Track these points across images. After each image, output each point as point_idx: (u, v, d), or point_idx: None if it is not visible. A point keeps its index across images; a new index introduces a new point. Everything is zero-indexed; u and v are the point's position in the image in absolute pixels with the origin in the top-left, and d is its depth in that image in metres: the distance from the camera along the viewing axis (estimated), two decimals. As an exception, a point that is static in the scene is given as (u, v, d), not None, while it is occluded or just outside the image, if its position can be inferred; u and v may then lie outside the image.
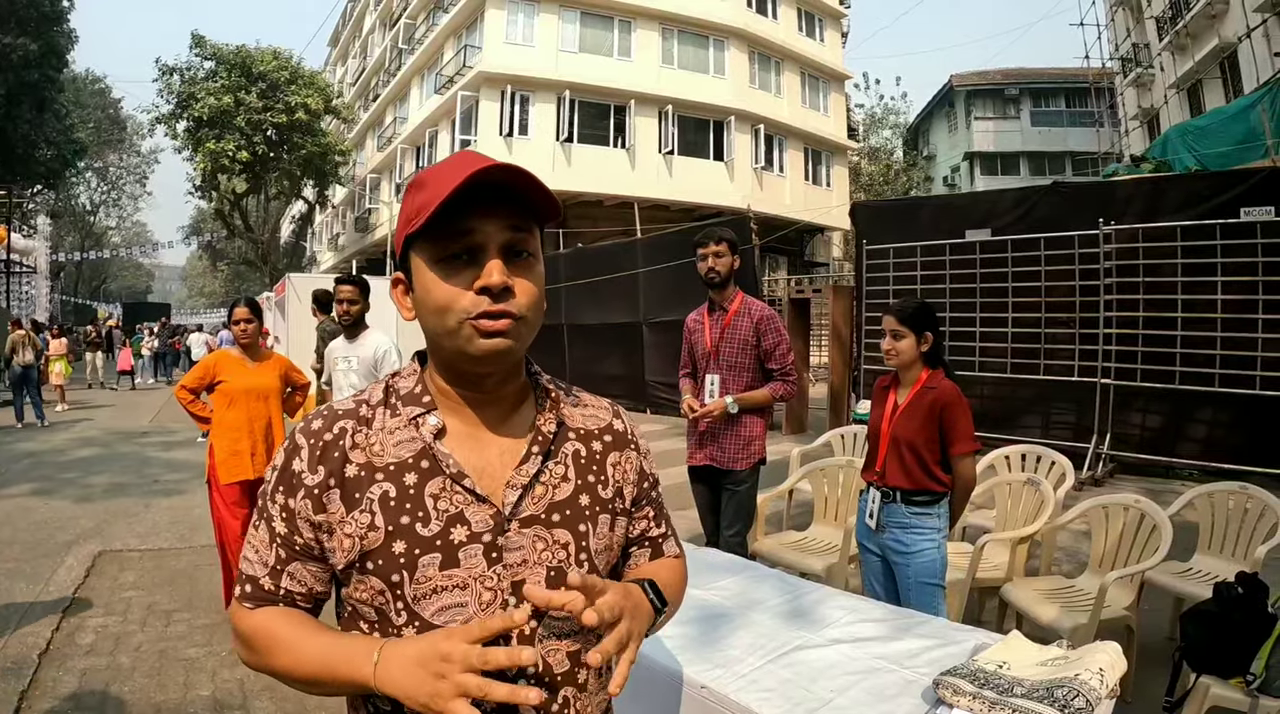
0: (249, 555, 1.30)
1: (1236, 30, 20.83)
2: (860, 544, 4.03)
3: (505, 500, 1.26)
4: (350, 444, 1.26)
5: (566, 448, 1.36)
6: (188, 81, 30.80)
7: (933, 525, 3.69)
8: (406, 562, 1.21)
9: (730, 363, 4.68)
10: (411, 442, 1.27)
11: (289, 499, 1.26)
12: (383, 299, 7.93)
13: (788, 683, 2.26)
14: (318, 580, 1.29)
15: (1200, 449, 9.20)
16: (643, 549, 1.52)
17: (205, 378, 5.40)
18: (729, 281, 4.74)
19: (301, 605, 1.29)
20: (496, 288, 1.19)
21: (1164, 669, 3.71)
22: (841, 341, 13.38)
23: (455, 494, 1.24)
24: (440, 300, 1.21)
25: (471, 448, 1.29)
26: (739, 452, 4.63)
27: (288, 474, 1.27)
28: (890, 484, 3.75)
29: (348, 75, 47.22)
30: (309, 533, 1.25)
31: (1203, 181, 9.82)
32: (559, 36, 27.46)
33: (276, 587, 1.28)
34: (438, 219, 1.19)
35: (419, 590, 1.21)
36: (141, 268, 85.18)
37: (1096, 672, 2.04)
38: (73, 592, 5.84)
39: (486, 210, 1.20)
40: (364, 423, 1.29)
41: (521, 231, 1.24)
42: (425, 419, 1.28)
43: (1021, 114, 45.34)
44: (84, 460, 11.59)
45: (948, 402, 3.65)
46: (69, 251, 50.40)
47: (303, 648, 1.22)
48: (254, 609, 1.28)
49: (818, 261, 35.10)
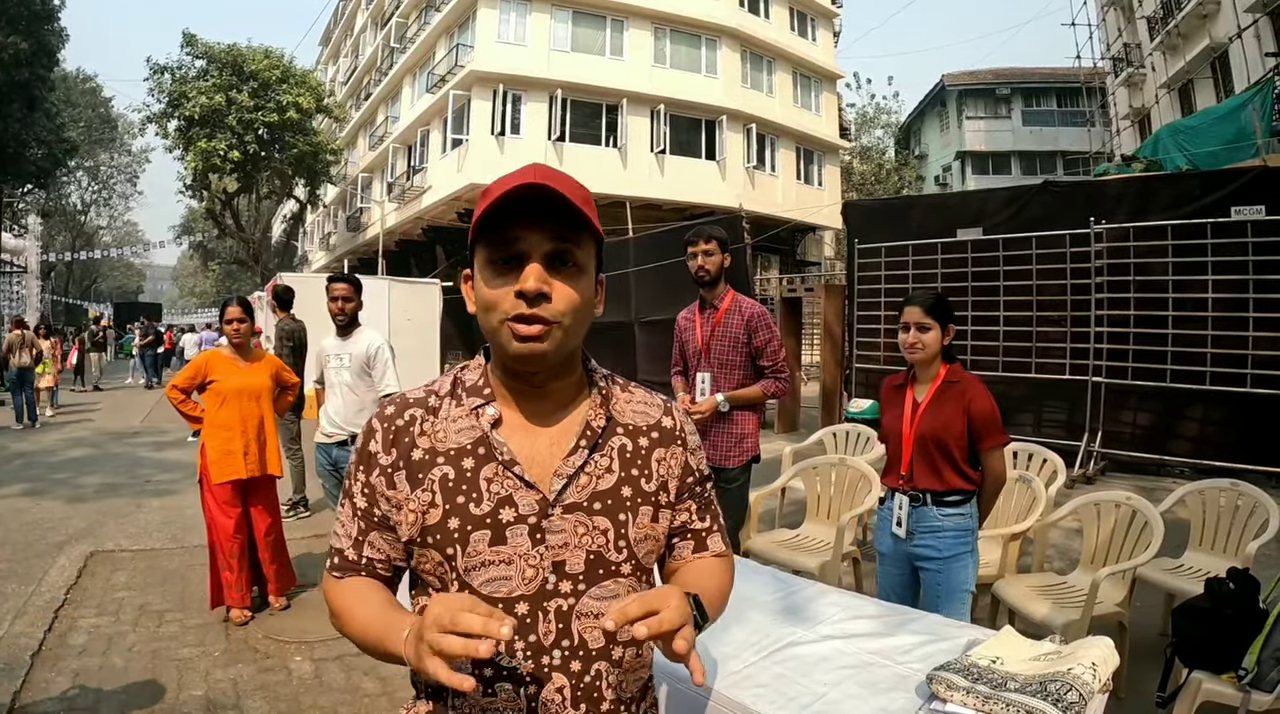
0: (336, 531, 1.48)
1: (1227, 30, 20.86)
2: (880, 555, 3.84)
3: (551, 487, 1.36)
4: (419, 431, 1.41)
5: (613, 442, 1.44)
6: (179, 80, 30.60)
7: (967, 526, 3.54)
8: (460, 536, 1.33)
9: (721, 361, 4.68)
10: (471, 430, 1.40)
11: (369, 476, 1.42)
12: (375, 298, 7.98)
13: (781, 678, 2.26)
14: (394, 549, 1.43)
15: (1192, 447, 9.26)
16: (685, 540, 1.58)
17: (197, 378, 5.38)
18: (719, 280, 4.75)
19: (381, 573, 1.45)
20: (531, 293, 1.28)
21: (1156, 665, 3.73)
22: (834, 340, 13.43)
23: (507, 479, 1.35)
24: (486, 300, 1.34)
25: (524, 437, 1.40)
26: (731, 449, 4.64)
27: (366, 454, 1.43)
28: (919, 487, 3.58)
29: (339, 74, 47.07)
30: (384, 505, 1.40)
31: (1193, 181, 9.87)
32: (551, 35, 27.43)
33: (359, 556, 1.44)
34: (490, 225, 1.31)
35: (470, 563, 1.33)
36: (132, 268, 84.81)
37: (1089, 666, 2.04)
38: (65, 592, 5.81)
39: (531, 221, 1.30)
40: (432, 412, 1.43)
41: (566, 242, 1.32)
42: (484, 410, 1.41)
43: (1013, 113, 45.40)
44: (76, 461, 11.56)
45: (976, 393, 3.51)
46: (60, 251, 50.15)
47: (364, 620, 1.36)
48: (341, 579, 1.45)
49: (810, 260, 35.13)
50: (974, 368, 10.20)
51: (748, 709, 2.13)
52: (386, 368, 5.51)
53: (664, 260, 13.75)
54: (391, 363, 5.56)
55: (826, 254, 35.89)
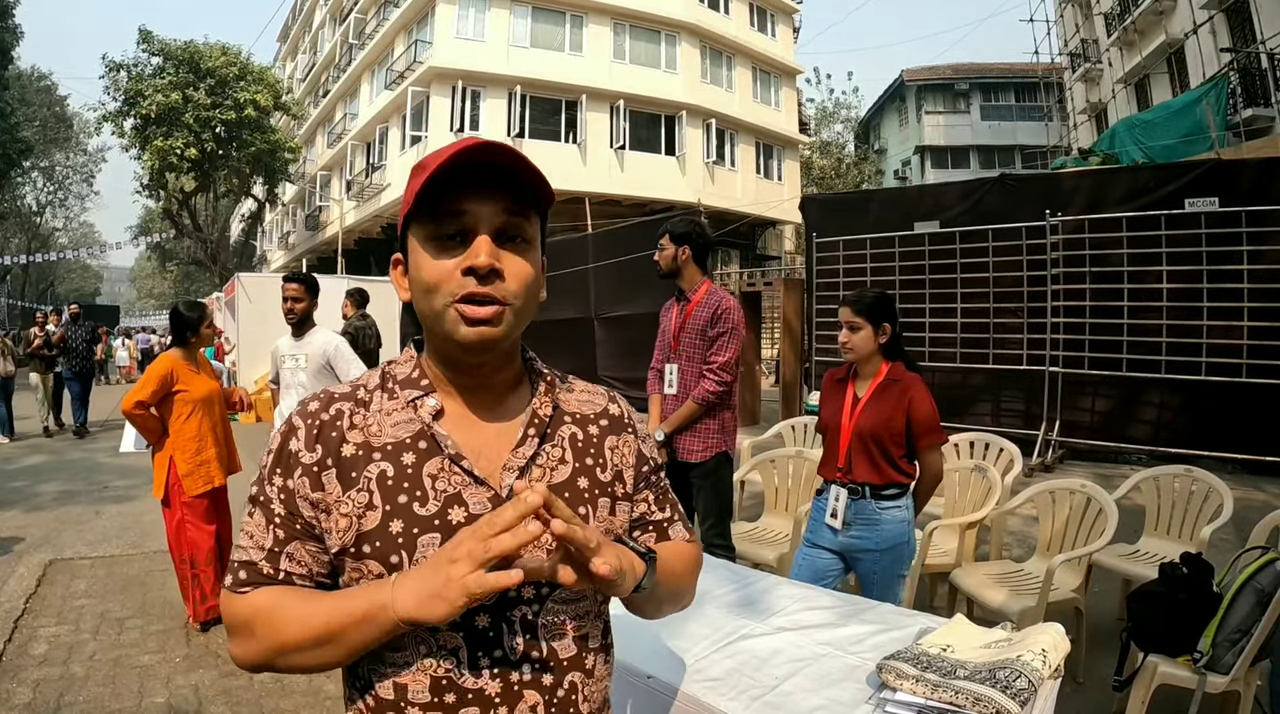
0: (242, 544, 1.25)
1: (1183, 26, 21.17)
2: (812, 545, 3.81)
3: (502, 482, 1.24)
4: (348, 425, 1.25)
5: (563, 431, 1.35)
6: (135, 78, 30.15)
7: (903, 518, 3.58)
8: (405, 541, 1.18)
9: (688, 353, 4.67)
10: (409, 423, 1.26)
11: (286, 479, 1.23)
12: (332, 298, 7.91)
13: (733, 672, 2.25)
14: (317, 561, 1.24)
15: (1148, 434, 9.39)
16: (647, 533, 1.47)
17: (163, 390, 5.11)
18: (675, 273, 4.73)
19: (300, 585, 1.24)
20: (483, 269, 1.17)
21: (1113, 649, 3.76)
22: (793, 334, 13.48)
23: (453, 475, 1.22)
24: (429, 279, 1.20)
25: (468, 430, 1.28)
26: (695, 444, 4.62)
27: (285, 454, 1.25)
28: (858, 480, 3.61)
29: (297, 71, 46.57)
30: (308, 511, 1.22)
31: (1148, 174, 10.00)
32: (510, 31, 27.36)
33: (275, 569, 1.23)
34: (432, 198, 1.19)
35: None
36: (89, 270, 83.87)
37: (1039, 653, 2.05)
38: (24, 601, 5.72)
39: (479, 191, 1.19)
40: (361, 405, 1.28)
41: (516, 215, 1.22)
42: (424, 401, 1.28)
43: (971, 108, 45.89)
44: (32, 468, 11.37)
45: (916, 395, 3.55)
46: (15, 254, 49.48)
47: (313, 606, 1.17)
48: (247, 593, 1.22)
49: (770, 255, 35.23)
50: (932, 359, 10.30)
51: (699, 702, 2.12)
52: (351, 362, 5.44)
53: (623, 256, 13.75)
54: (354, 356, 5.51)
55: (786, 249, 35.98)
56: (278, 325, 5.84)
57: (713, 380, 4.51)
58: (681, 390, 4.66)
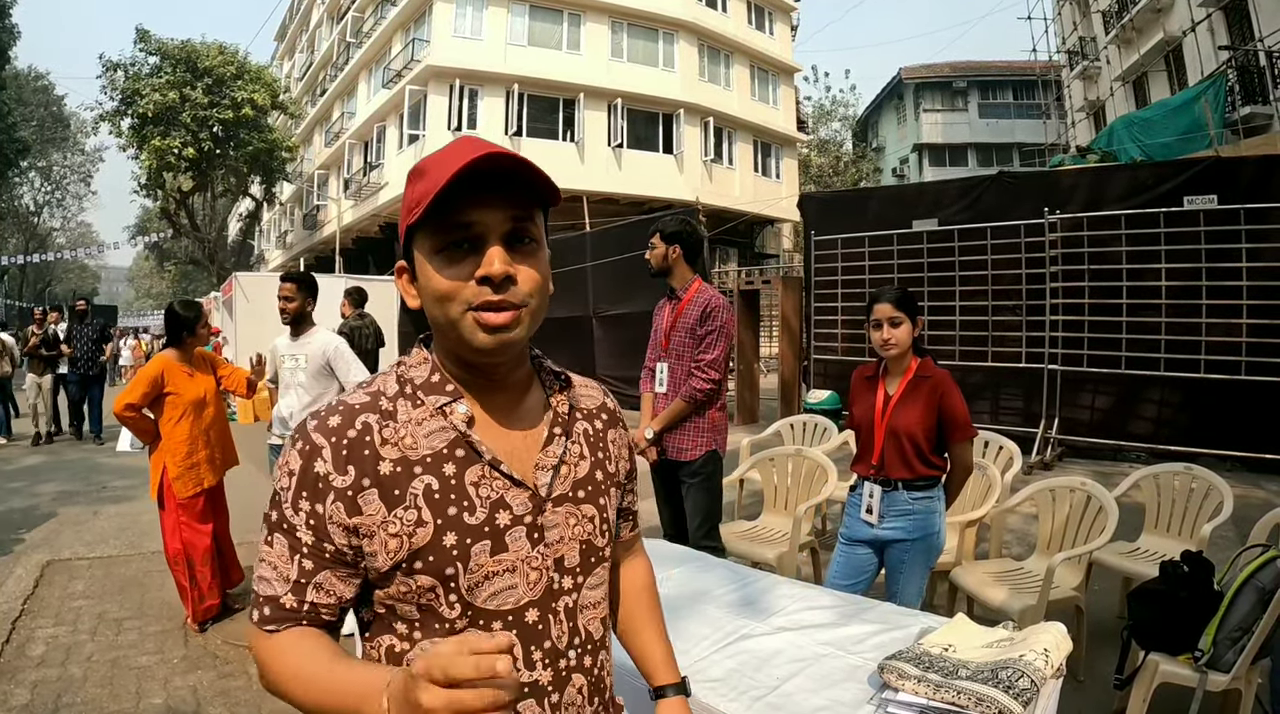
0: (265, 574, 1.23)
1: (1181, 24, 21.13)
2: (848, 542, 3.81)
3: (538, 482, 1.28)
4: (379, 440, 1.22)
5: (579, 427, 1.40)
6: (132, 78, 30.09)
7: (934, 509, 3.61)
8: (459, 553, 1.19)
9: (679, 352, 4.66)
10: (442, 431, 1.25)
11: (315, 504, 1.19)
12: (330, 297, 7.88)
13: (734, 672, 2.25)
14: (348, 587, 1.23)
15: (1147, 431, 9.39)
16: (626, 521, 1.60)
17: (154, 392, 5.10)
18: (666, 272, 4.73)
19: (326, 619, 1.23)
20: (498, 278, 1.17)
21: (1114, 647, 3.74)
22: (791, 332, 13.45)
23: (494, 480, 1.24)
24: (442, 289, 1.19)
25: (498, 433, 1.29)
26: (685, 442, 4.61)
27: (310, 477, 1.20)
28: (891, 476, 3.61)
29: (295, 70, 46.52)
30: (342, 538, 1.19)
31: (1147, 171, 9.98)
32: (508, 30, 27.34)
33: (300, 602, 1.21)
34: (437, 209, 1.17)
35: (473, 579, 1.20)
36: (87, 270, 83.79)
37: (1041, 652, 2.05)
38: (22, 603, 5.69)
39: (486, 199, 1.18)
40: (388, 416, 1.25)
41: (523, 219, 1.22)
42: (453, 407, 1.26)
43: (969, 106, 45.92)
44: (31, 469, 11.34)
45: (946, 389, 3.56)
46: (12, 254, 49.42)
47: (315, 680, 1.15)
48: (274, 633, 1.21)
49: (768, 253, 35.26)
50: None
51: (700, 703, 2.11)
52: (351, 363, 5.42)
53: (621, 254, 13.72)
54: (354, 357, 5.49)
55: (784, 247, 36.02)
56: (275, 325, 5.80)
57: (701, 378, 4.51)
58: (672, 389, 4.66)
